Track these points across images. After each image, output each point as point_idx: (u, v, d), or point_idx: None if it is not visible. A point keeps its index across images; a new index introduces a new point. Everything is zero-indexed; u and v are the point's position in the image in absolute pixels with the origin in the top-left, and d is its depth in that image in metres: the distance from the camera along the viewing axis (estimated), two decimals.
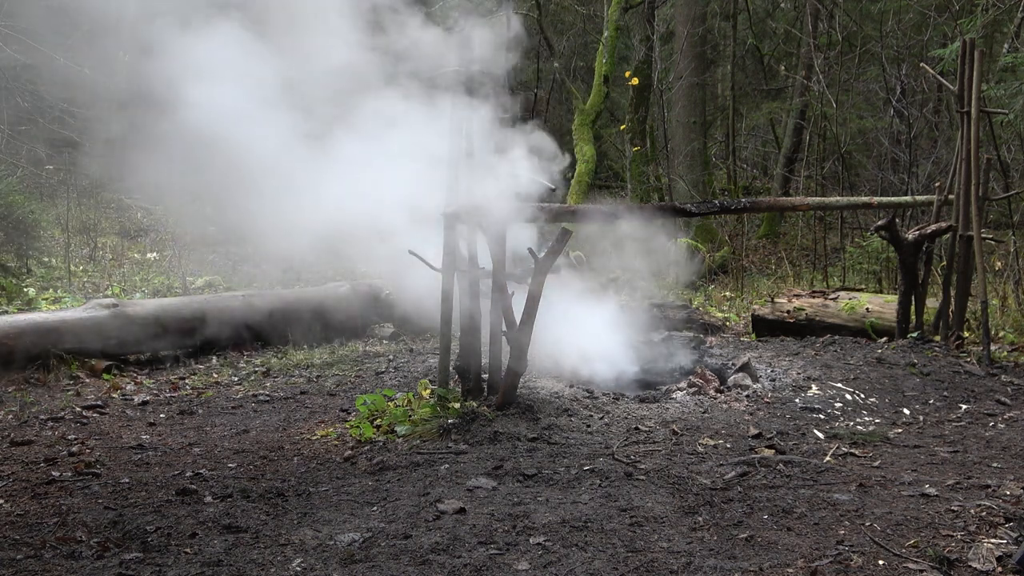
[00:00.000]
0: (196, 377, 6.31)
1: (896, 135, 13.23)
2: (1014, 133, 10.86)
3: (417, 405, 4.83)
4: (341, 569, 2.91)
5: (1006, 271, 8.76)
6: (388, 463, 4.12)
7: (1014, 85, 8.95)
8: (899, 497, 3.53)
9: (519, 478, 3.85)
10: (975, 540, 3.03)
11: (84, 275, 9.85)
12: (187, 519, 3.36)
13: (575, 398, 5.12)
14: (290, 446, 4.54)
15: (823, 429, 4.72)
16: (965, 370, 5.81)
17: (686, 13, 14.25)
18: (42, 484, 3.83)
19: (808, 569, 2.84)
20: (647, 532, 3.20)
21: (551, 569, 2.89)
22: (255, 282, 10.37)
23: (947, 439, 4.55)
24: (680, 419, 4.88)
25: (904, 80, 12.98)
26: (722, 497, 3.56)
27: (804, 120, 14.46)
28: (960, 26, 10.10)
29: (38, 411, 5.21)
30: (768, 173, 17.88)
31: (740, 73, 16.96)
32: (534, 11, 14.91)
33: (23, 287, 8.44)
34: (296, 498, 3.66)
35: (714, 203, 6.40)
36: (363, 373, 6.25)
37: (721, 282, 11.49)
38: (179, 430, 4.91)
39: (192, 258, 11.27)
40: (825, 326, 7.42)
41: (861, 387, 5.47)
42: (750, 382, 5.53)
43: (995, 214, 11.61)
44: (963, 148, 6.50)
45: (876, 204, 7.58)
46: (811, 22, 13.95)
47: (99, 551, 3.05)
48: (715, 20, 16.32)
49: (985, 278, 6.43)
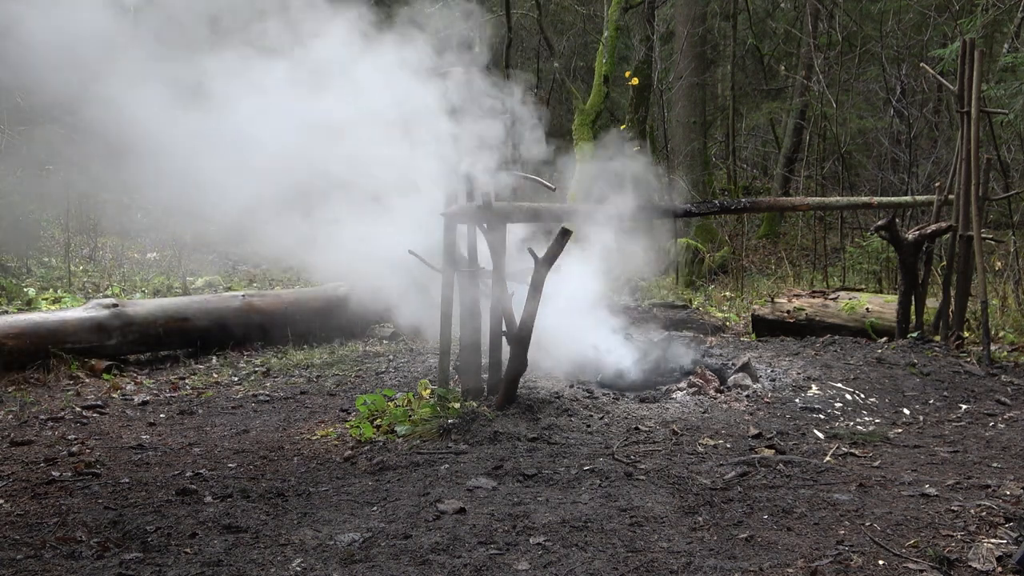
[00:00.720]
0: (196, 377, 6.31)
1: (896, 135, 13.24)
2: (1014, 133, 10.86)
3: (417, 405, 4.83)
4: (341, 569, 2.91)
5: (1006, 271, 8.76)
6: (388, 463, 4.12)
7: (1014, 85, 8.95)
8: (899, 497, 3.53)
9: (519, 478, 3.85)
10: (975, 540, 3.03)
11: (84, 275, 9.85)
12: (187, 519, 3.36)
13: (575, 398, 5.12)
14: (290, 446, 4.54)
15: (823, 429, 4.72)
16: (965, 370, 5.81)
17: (686, 13, 14.25)
18: (42, 484, 3.83)
19: (808, 569, 2.84)
20: (647, 532, 3.20)
21: (551, 569, 2.89)
22: (255, 282, 10.39)
23: (947, 439, 4.55)
24: (680, 419, 4.88)
25: (904, 80, 12.98)
26: (722, 497, 3.56)
27: (804, 120, 14.47)
28: (960, 26, 10.11)
29: (38, 411, 5.21)
30: (768, 173, 17.89)
31: (740, 73, 16.97)
32: (534, 11, 14.91)
33: (23, 287, 8.45)
34: (296, 498, 3.66)
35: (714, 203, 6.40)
36: (363, 373, 6.25)
37: (721, 282, 11.49)
38: (179, 430, 4.91)
39: (192, 258, 11.28)
40: (825, 326, 7.42)
41: (861, 387, 5.47)
42: (750, 382, 5.53)
43: (995, 214, 11.62)
44: (963, 148, 6.50)
45: (876, 204, 7.58)
46: (811, 22, 13.96)
47: (99, 551, 3.05)
48: (715, 20, 16.33)
49: (985, 278, 6.43)
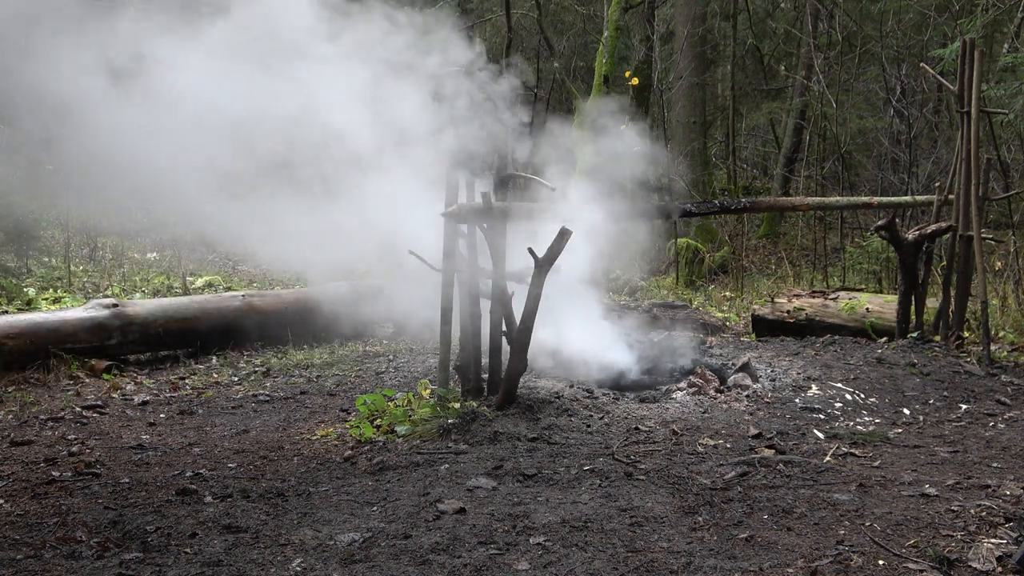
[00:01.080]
0: (196, 377, 6.31)
1: (896, 135, 13.23)
2: (1014, 133, 10.86)
3: (417, 405, 4.82)
4: (341, 569, 2.91)
5: (1006, 271, 8.76)
6: (388, 463, 4.12)
7: (1014, 85, 8.95)
8: (899, 497, 3.53)
9: (519, 478, 3.85)
10: (975, 540, 3.03)
11: (84, 275, 9.85)
12: (187, 519, 3.36)
13: (575, 398, 5.12)
14: (290, 446, 4.54)
15: (823, 429, 4.72)
16: (965, 370, 5.81)
17: (686, 13, 14.24)
18: (42, 484, 3.83)
19: (808, 569, 2.84)
20: (647, 532, 3.20)
21: (551, 569, 2.89)
22: (255, 282, 10.39)
23: (947, 439, 4.55)
24: (680, 419, 4.88)
25: (904, 80, 12.98)
26: (722, 497, 3.56)
27: (804, 120, 14.46)
28: (960, 26, 10.11)
29: (38, 411, 5.21)
30: (768, 173, 17.89)
31: (740, 73, 16.96)
32: (534, 11, 14.91)
33: (23, 287, 8.45)
34: (296, 498, 3.66)
35: (714, 203, 6.40)
36: (363, 373, 6.25)
37: (721, 282, 11.49)
38: (179, 430, 4.91)
39: (192, 258, 11.28)
40: (825, 326, 7.42)
41: (861, 387, 5.46)
42: (750, 382, 5.52)
43: (995, 214, 11.61)
44: (963, 148, 6.49)
45: (876, 204, 7.58)
46: (811, 22, 13.96)
47: (99, 551, 3.05)
48: (715, 20, 16.32)
49: (985, 278, 6.43)
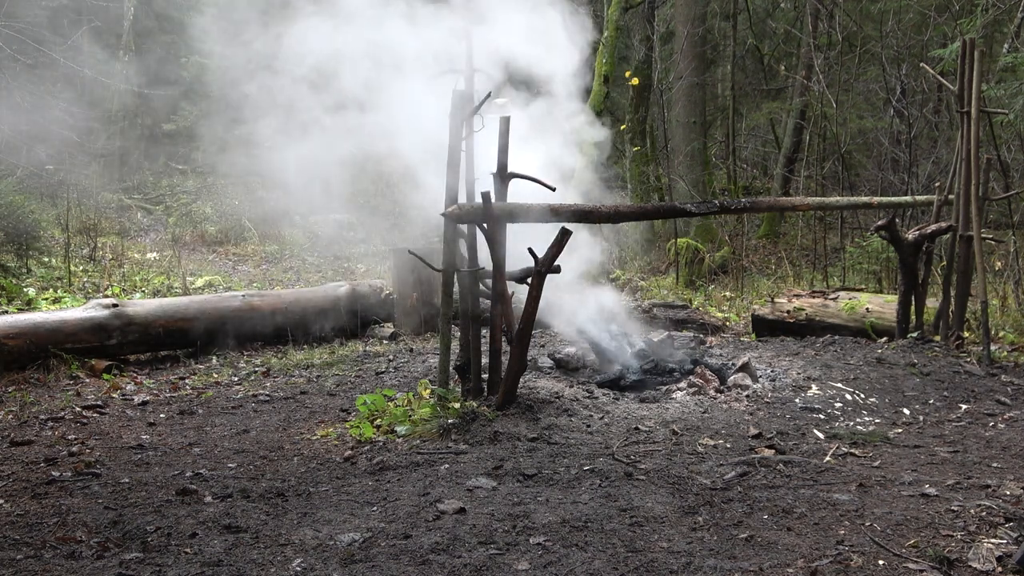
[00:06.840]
0: (196, 377, 6.31)
1: (896, 135, 13.22)
2: (1014, 133, 10.85)
3: (417, 405, 4.82)
4: (341, 569, 2.91)
5: (1006, 271, 8.76)
6: (388, 463, 4.12)
7: (1014, 85, 8.94)
8: (899, 497, 3.53)
9: (519, 478, 3.85)
10: (975, 540, 3.03)
11: (84, 275, 9.85)
12: (187, 519, 3.36)
13: (575, 398, 5.12)
14: (290, 446, 4.54)
15: (823, 429, 4.72)
16: (965, 370, 5.81)
17: (686, 13, 14.23)
18: (42, 484, 3.84)
19: (808, 569, 2.84)
20: (647, 532, 3.20)
21: (551, 569, 2.89)
22: (255, 282, 10.39)
23: (947, 439, 4.55)
24: (680, 419, 4.88)
25: (904, 80, 12.97)
26: (722, 497, 3.56)
27: (804, 120, 14.45)
28: (960, 26, 10.10)
29: (38, 411, 5.21)
30: (768, 173, 17.87)
31: (740, 73, 16.94)
32: None
33: (23, 287, 8.45)
34: (296, 498, 3.66)
35: (714, 203, 6.38)
36: (363, 373, 6.25)
37: (721, 282, 11.48)
38: (179, 430, 4.91)
39: (192, 258, 11.28)
40: (825, 326, 7.42)
41: (861, 387, 5.46)
42: (750, 382, 5.52)
43: (995, 214, 11.60)
44: (963, 148, 6.49)
45: (876, 204, 7.57)
46: (811, 22, 13.95)
47: (99, 551, 3.05)
48: (715, 20, 16.31)
49: (985, 278, 6.43)
